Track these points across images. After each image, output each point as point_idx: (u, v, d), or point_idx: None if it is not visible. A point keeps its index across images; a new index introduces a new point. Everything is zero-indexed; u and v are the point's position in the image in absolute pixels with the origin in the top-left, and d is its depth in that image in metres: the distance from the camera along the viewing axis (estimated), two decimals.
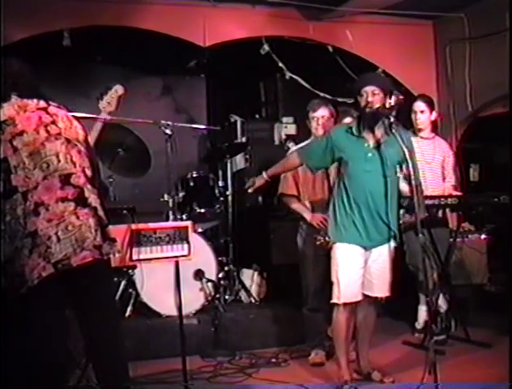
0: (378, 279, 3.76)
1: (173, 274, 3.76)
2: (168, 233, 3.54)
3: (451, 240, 4.81)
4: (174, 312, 4.31)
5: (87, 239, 2.70)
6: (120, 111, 3.53)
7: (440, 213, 4.64)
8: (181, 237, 3.56)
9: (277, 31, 6.12)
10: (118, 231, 3.31)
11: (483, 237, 5.40)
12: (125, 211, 4.90)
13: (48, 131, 2.78)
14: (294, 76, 6.32)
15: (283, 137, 6.45)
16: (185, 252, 3.58)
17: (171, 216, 5.03)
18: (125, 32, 5.63)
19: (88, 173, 2.84)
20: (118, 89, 3.56)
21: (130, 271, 4.79)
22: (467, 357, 4.39)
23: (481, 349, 4.53)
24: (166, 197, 5.11)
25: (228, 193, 5.54)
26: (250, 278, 5.49)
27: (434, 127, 5.14)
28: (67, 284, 2.70)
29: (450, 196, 4.55)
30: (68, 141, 2.82)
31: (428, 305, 3.91)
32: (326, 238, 4.28)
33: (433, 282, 4.45)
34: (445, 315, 4.80)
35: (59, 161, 2.76)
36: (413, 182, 3.49)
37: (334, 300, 3.74)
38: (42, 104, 2.87)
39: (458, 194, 4.72)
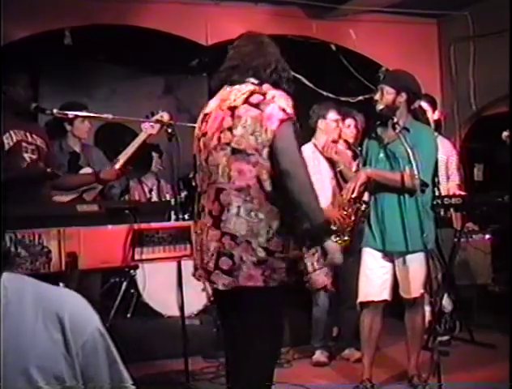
0: (412, 279, 3.66)
1: (175, 274, 3.74)
2: (171, 233, 3.52)
3: (455, 240, 4.78)
4: (176, 312, 4.29)
5: None
6: (121, 111, 3.53)
7: (444, 213, 4.61)
8: (183, 236, 3.54)
9: (280, 29, 6.08)
10: (120, 231, 3.29)
11: (487, 237, 5.37)
12: (127, 211, 4.91)
13: (219, 139, 2.53)
14: (297, 75, 6.27)
15: None
16: (188, 252, 3.55)
17: (173, 216, 5.00)
18: (126, 30, 5.62)
19: None
20: (164, 115, 3.70)
21: (131, 271, 4.77)
22: (471, 358, 4.37)
23: (485, 350, 4.51)
24: (168, 196, 5.09)
25: None
26: None
27: (438, 127, 5.10)
28: None
29: (454, 196, 4.52)
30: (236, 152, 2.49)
31: (432, 305, 3.88)
32: (341, 236, 4.25)
33: (437, 282, 4.42)
34: (449, 316, 4.78)
35: (217, 173, 2.55)
36: (417, 182, 3.47)
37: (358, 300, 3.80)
38: (258, 109, 2.48)
39: (462, 193, 4.69)
